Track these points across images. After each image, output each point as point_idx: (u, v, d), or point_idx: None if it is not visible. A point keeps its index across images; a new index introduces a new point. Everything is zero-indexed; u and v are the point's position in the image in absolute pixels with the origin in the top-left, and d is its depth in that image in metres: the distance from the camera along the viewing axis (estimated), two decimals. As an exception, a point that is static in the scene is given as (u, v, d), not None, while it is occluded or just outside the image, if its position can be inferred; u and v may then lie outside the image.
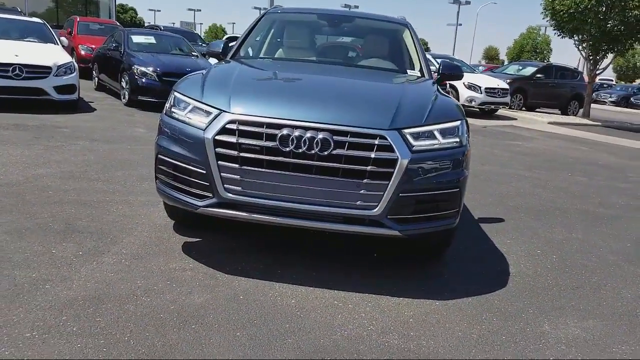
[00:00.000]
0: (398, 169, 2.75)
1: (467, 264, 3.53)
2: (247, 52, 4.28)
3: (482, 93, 14.12)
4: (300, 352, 2.28)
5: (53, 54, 8.00)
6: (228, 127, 2.80)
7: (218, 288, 2.79)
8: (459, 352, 2.40)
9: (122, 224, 3.62)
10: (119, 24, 16.01)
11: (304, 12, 4.70)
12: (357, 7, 48.12)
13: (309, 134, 2.72)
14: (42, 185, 4.32)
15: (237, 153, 2.77)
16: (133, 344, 2.22)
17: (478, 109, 14.64)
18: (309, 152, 2.72)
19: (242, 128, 2.78)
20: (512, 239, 4.17)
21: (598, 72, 17.03)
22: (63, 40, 9.37)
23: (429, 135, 2.92)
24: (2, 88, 7.35)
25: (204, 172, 2.85)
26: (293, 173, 2.76)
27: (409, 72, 4.19)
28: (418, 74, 4.14)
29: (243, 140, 2.77)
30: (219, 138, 2.79)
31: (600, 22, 14.85)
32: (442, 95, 3.42)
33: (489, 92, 14.30)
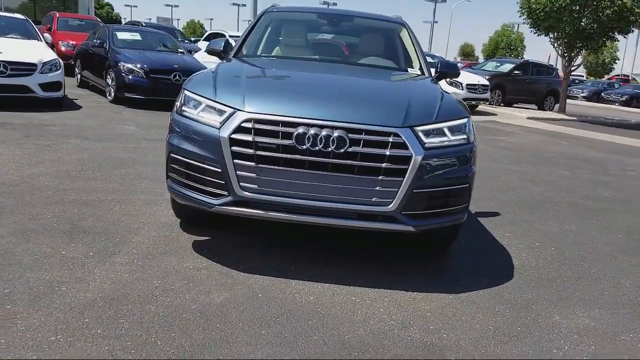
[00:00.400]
0: (412, 166, 2.80)
1: (472, 258, 3.61)
2: (249, 50, 4.26)
3: (463, 89, 14.33)
4: (327, 348, 2.31)
5: (38, 51, 7.81)
6: (243, 125, 2.80)
7: (236, 287, 2.80)
8: (479, 344, 2.46)
9: (127, 224, 3.58)
10: (100, 20, 15.68)
11: (303, 11, 4.71)
12: (335, 4, 48.21)
13: (325, 132, 2.75)
14: (39, 185, 4.24)
15: (253, 151, 2.78)
16: (161, 345, 2.21)
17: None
18: (325, 149, 2.75)
19: (257, 126, 2.79)
20: (510, 232, 4.27)
21: (573, 68, 17.47)
22: (46, 37, 9.15)
23: (439, 133, 2.98)
24: (-15, 85, 7.15)
25: (220, 170, 2.84)
26: (309, 170, 2.79)
27: (409, 70, 4.24)
28: (418, 72, 4.20)
29: (259, 139, 2.78)
30: (235, 137, 2.79)
31: (575, 20, 15.21)
32: (446, 93, 3.48)
33: (470, 88, 14.53)
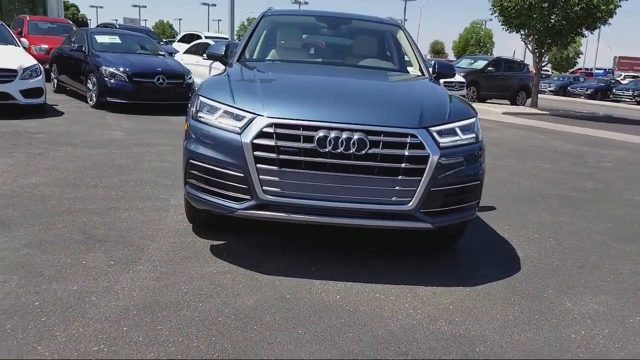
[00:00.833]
0: (429, 165, 2.90)
1: (479, 252, 3.75)
2: (252, 55, 4.30)
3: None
4: (364, 344, 2.39)
5: (17, 57, 7.64)
6: (265, 130, 2.85)
7: (263, 289, 2.85)
8: (504, 333, 2.59)
9: (141, 231, 3.58)
10: (72, 23, 15.32)
11: (301, 14, 4.79)
12: (307, 2, 48.26)
13: (345, 135, 2.83)
14: (41, 195, 4.18)
15: (275, 155, 2.83)
16: (205, 349, 2.25)
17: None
18: (346, 152, 2.83)
19: (279, 131, 2.85)
20: (509, 225, 4.44)
21: (543, 64, 18.01)
22: (24, 42, 8.93)
23: (451, 132, 3.09)
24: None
25: (242, 175, 2.89)
26: (330, 172, 2.86)
27: (410, 71, 4.36)
28: (418, 73, 4.32)
29: (281, 143, 2.84)
30: (257, 142, 2.84)
31: (545, 17, 15.69)
32: (452, 94, 3.61)
33: (448, 85, 14.80)
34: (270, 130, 2.85)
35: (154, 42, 11.22)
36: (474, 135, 3.22)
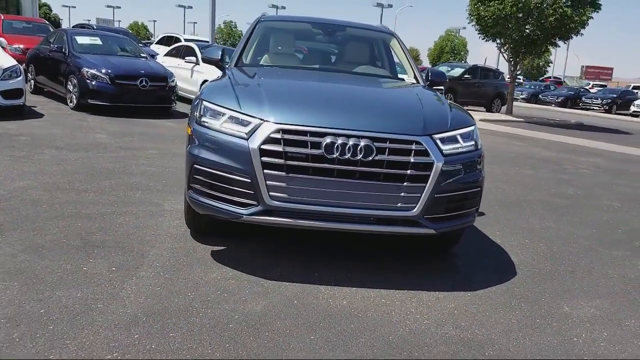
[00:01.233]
0: (434, 172, 2.95)
1: (475, 257, 3.82)
2: (249, 60, 4.29)
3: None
4: (377, 349, 2.41)
5: (-4, 57, 7.41)
6: (273, 136, 2.86)
7: (269, 295, 2.85)
8: (510, 336, 2.65)
9: (138, 236, 3.53)
10: (48, 23, 14.95)
11: (296, 20, 4.80)
12: (284, 7, 48.35)
13: (352, 141, 2.85)
14: (31, 199, 4.07)
15: (283, 161, 2.84)
16: (219, 356, 2.24)
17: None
18: (353, 158, 2.85)
19: (286, 137, 2.86)
20: (500, 231, 4.54)
21: (517, 72, 18.46)
22: (2, 41, 8.67)
23: (453, 140, 3.15)
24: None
25: (249, 180, 2.88)
26: (337, 179, 2.88)
27: (405, 78, 4.43)
28: (413, 81, 4.38)
29: (289, 149, 2.84)
30: (265, 147, 2.84)
31: (520, 27, 16.11)
32: (450, 101, 3.68)
33: (427, 91, 15.03)
34: (278, 136, 2.86)
35: (136, 44, 11.04)
36: (474, 143, 3.29)
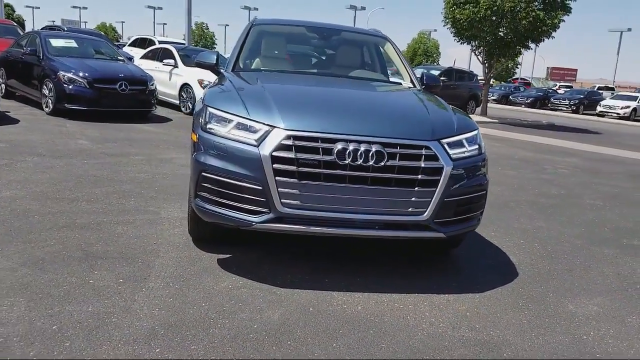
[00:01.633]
0: (443, 176, 2.98)
1: (476, 258, 3.88)
2: (246, 64, 4.25)
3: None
4: (400, 354, 2.42)
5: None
6: (284, 143, 2.84)
7: (284, 303, 2.82)
8: (524, 337, 2.70)
9: (140, 246, 3.45)
10: (17, 24, 14.46)
11: (290, 24, 4.78)
12: (256, 9, 48.17)
13: (364, 147, 2.86)
14: (22, 210, 3.93)
15: (295, 168, 2.82)
16: (245, 367, 2.21)
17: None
18: (365, 164, 2.86)
19: (298, 143, 2.84)
20: (495, 232, 4.62)
21: (492, 74, 18.85)
22: (-26, 44, 8.34)
23: (459, 144, 3.19)
24: None
25: (260, 188, 2.86)
26: (349, 185, 2.88)
27: (402, 82, 4.46)
28: (410, 85, 4.42)
29: (301, 155, 2.83)
30: (277, 154, 2.82)
31: (495, 30, 16.47)
32: (451, 106, 3.73)
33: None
34: (289, 143, 2.84)
35: (112, 46, 10.81)
36: (478, 147, 3.34)
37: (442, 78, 18.46)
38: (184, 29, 21.09)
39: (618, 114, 27.66)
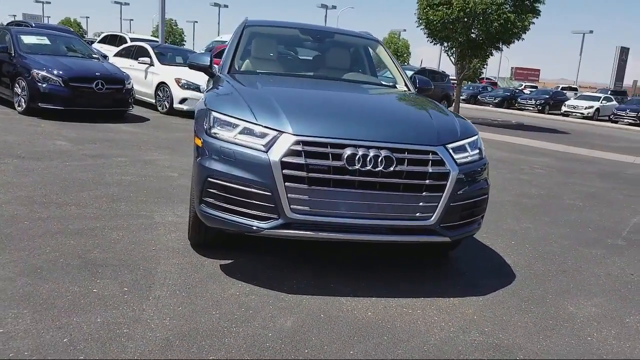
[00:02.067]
0: (450, 181, 3.01)
1: (472, 261, 3.94)
2: (242, 66, 4.19)
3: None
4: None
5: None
6: (293, 148, 2.81)
7: (294, 309, 2.80)
8: (532, 339, 2.75)
9: (139, 252, 3.36)
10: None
11: (284, 26, 4.75)
12: (227, 6, 47.59)
13: (373, 152, 2.86)
14: (9, 215, 3.78)
15: (305, 174, 2.80)
16: (267, 377, 2.17)
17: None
18: (374, 169, 2.86)
19: (307, 149, 2.82)
20: (486, 233, 4.69)
21: (465, 74, 19.19)
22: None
23: (463, 149, 3.23)
24: None
25: (270, 194, 2.82)
26: (358, 190, 2.88)
27: (397, 86, 4.49)
28: (405, 88, 4.45)
29: (310, 161, 2.81)
30: (286, 160, 2.79)
31: (467, 31, 16.76)
32: (451, 110, 3.78)
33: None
34: (299, 148, 2.81)
35: (85, 43, 10.48)
36: (479, 151, 3.39)
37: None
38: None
39: (582, 114, 28.59)
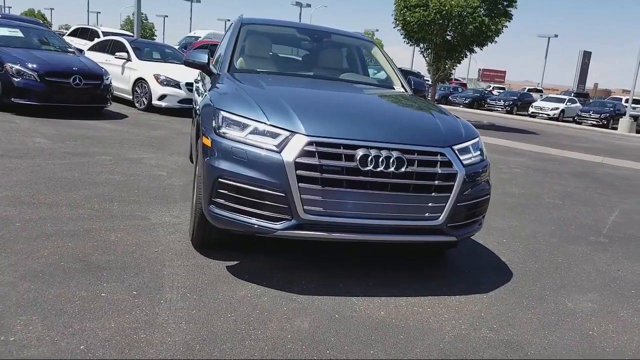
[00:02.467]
0: (457, 182, 3.07)
1: (469, 259, 4.02)
2: (242, 65, 4.14)
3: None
4: (434, 358, 2.47)
5: None
6: (307, 149, 2.81)
7: (308, 310, 2.80)
8: (540, 335, 2.83)
9: (142, 255, 3.29)
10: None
11: (280, 24, 4.72)
12: (199, 1, 46.90)
13: (385, 154, 2.89)
14: None
15: (319, 174, 2.80)
16: (293, 380, 2.17)
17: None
18: (386, 170, 2.89)
19: (321, 150, 2.82)
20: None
21: (441, 75, 19.49)
22: None
23: (467, 150, 3.30)
24: None
25: (283, 194, 2.81)
26: (370, 191, 2.90)
27: (395, 87, 4.53)
28: (402, 89, 4.50)
29: (324, 162, 2.81)
30: (300, 160, 2.78)
31: (443, 33, 17.04)
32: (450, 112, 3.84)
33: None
34: (312, 149, 2.81)
35: (60, 37, 10.14)
36: (480, 152, 3.46)
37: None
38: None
39: (548, 115, 29.47)
